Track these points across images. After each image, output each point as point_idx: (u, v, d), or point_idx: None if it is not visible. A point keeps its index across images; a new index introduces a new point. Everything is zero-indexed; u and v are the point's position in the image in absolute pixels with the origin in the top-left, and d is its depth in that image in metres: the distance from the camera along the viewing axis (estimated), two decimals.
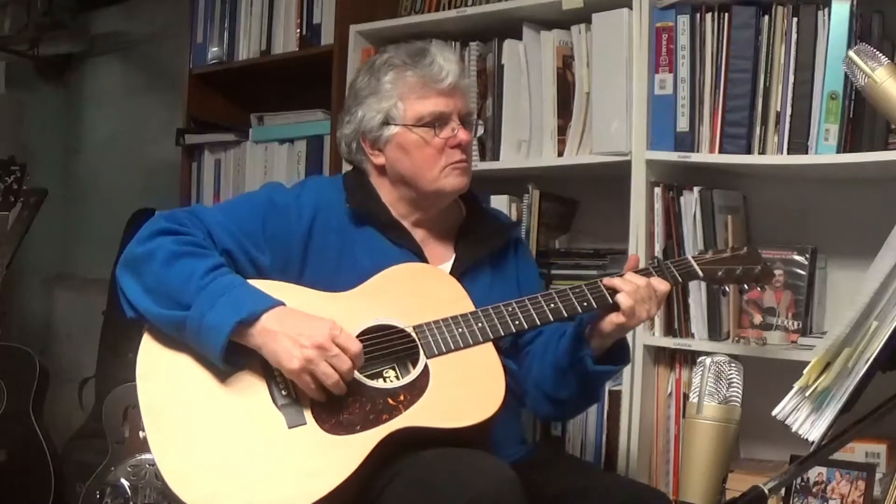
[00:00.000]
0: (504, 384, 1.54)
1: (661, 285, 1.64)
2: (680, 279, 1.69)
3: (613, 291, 1.62)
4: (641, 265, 1.70)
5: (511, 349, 1.76)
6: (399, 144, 1.72)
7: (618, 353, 1.69)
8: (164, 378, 1.55)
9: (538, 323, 1.62)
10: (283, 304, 1.54)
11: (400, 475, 1.43)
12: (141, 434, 2.50)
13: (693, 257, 1.74)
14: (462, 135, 1.71)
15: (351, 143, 1.79)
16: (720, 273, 1.72)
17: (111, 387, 2.66)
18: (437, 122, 1.71)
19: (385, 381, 1.56)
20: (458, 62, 1.76)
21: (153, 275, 1.56)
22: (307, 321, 1.51)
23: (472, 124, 1.78)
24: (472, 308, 1.62)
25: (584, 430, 2.25)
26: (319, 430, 1.48)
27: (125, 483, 2.51)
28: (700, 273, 1.71)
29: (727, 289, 1.75)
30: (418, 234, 1.76)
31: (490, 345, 1.59)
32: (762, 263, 1.76)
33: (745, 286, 1.76)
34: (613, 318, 1.60)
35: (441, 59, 1.72)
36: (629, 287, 1.60)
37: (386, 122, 1.72)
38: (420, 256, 1.73)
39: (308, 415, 1.50)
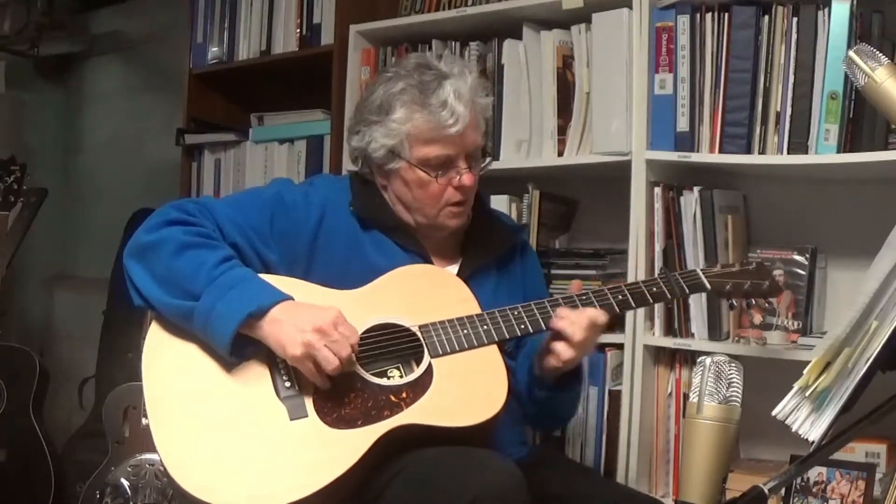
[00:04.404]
0: (506, 387, 1.55)
1: (601, 317, 1.62)
2: (687, 290, 1.71)
3: (622, 298, 1.64)
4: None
5: (515, 352, 1.77)
6: (402, 178, 1.71)
7: (570, 377, 1.69)
8: (169, 367, 1.56)
9: (544, 328, 1.63)
10: (291, 298, 1.54)
11: (401, 474, 1.43)
12: (143, 422, 2.50)
13: (701, 270, 1.75)
14: (465, 179, 1.69)
15: (357, 159, 1.79)
16: (728, 287, 1.73)
17: (111, 387, 2.66)
18: (442, 165, 1.68)
19: (389, 378, 1.57)
20: (472, 99, 1.67)
21: (163, 264, 1.57)
22: (313, 311, 1.52)
23: (478, 159, 1.74)
24: (478, 310, 1.63)
25: (584, 431, 2.25)
26: (321, 423, 1.49)
27: (125, 483, 2.51)
28: (708, 285, 1.72)
29: (734, 303, 1.76)
30: (423, 238, 1.76)
31: (494, 347, 1.59)
32: (771, 279, 1.77)
33: (752, 300, 1.78)
34: (558, 352, 1.60)
35: (453, 99, 1.64)
36: (570, 320, 1.60)
37: (391, 154, 1.70)
38: (426, 260, 1.73)
39: (310, 408, 1.51)
